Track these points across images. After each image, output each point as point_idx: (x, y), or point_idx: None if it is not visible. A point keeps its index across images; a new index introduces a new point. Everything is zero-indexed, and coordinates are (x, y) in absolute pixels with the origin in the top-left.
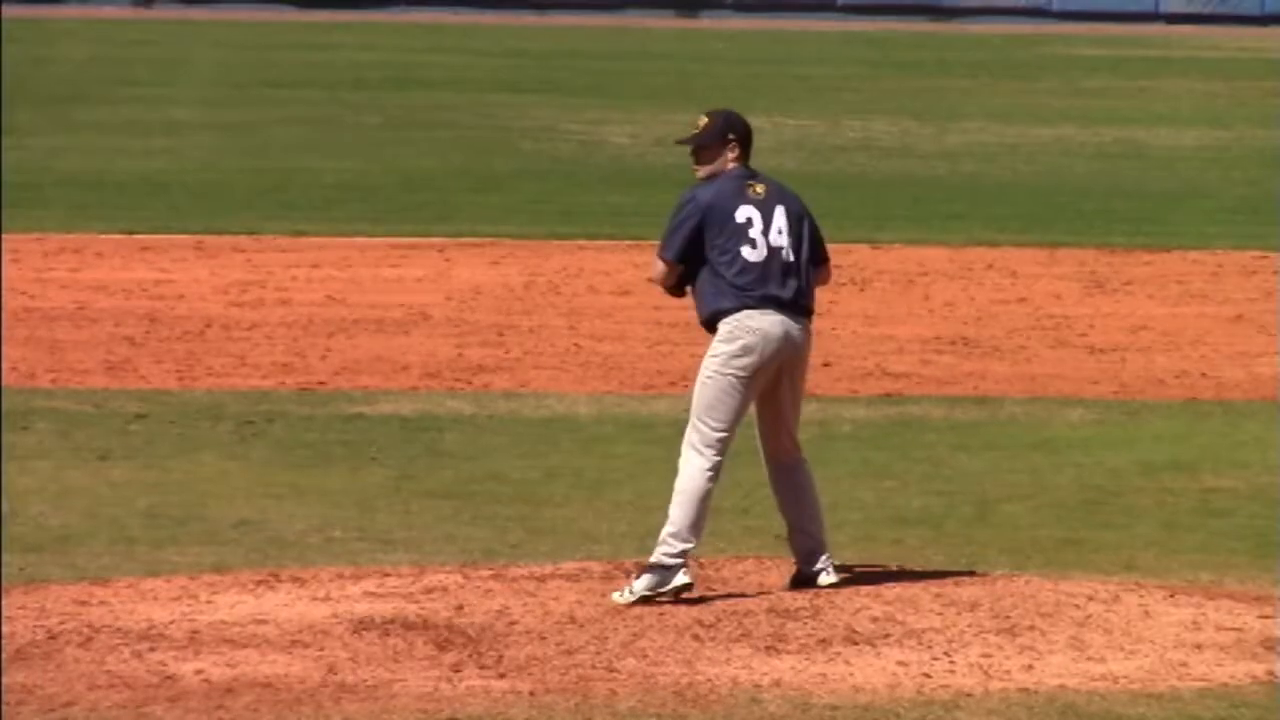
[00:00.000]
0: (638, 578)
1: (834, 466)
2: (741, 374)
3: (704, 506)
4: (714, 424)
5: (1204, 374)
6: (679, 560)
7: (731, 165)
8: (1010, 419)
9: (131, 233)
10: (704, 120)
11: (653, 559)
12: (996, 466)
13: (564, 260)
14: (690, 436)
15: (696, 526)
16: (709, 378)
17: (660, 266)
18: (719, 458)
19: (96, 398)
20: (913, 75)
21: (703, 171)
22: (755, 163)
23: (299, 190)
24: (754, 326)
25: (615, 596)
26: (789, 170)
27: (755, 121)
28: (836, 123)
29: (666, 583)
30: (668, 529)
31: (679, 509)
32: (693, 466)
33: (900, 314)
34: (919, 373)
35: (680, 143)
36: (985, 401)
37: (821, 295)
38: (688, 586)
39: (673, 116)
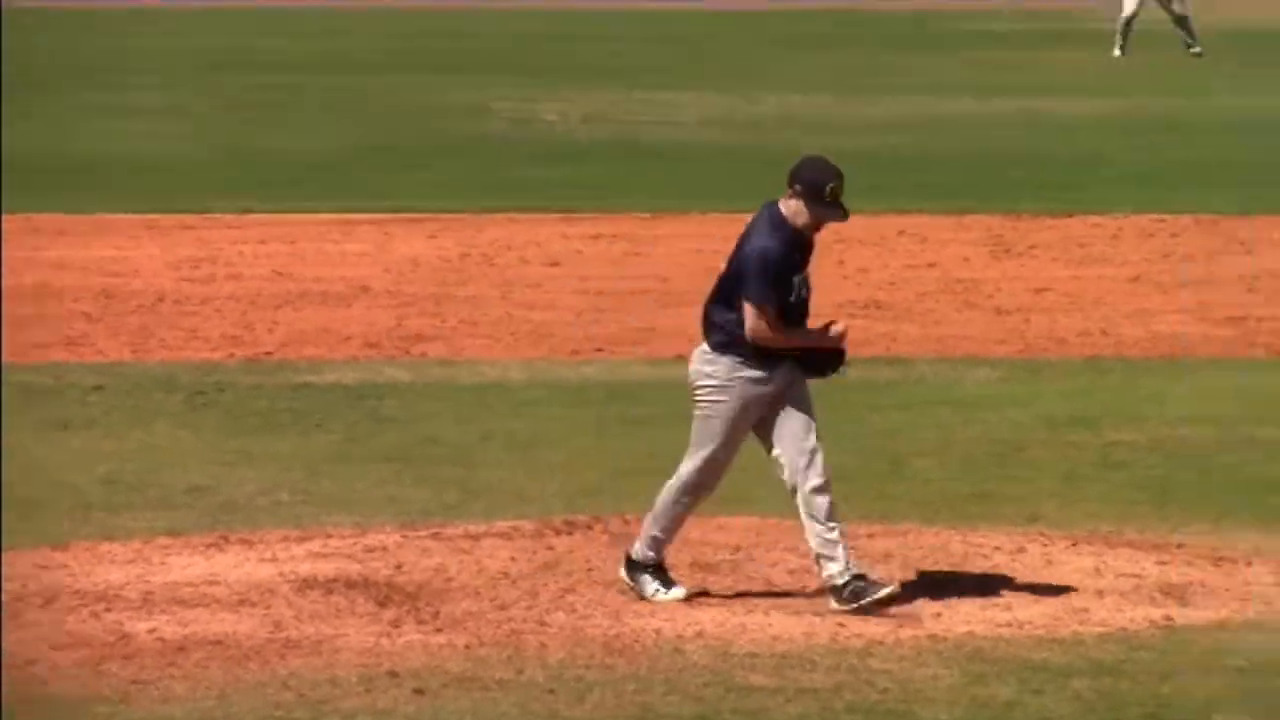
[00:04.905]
0: None
1: None
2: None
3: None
4: None
5: (1104, 332)
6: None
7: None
8: (920, 378)
9: (88, 213)
10: None
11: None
12: (908, 424)
13: (496, 233)
14: None
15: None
16: None
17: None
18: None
19: (56, 371)
20: (829, 51)
21: None
22: (680, 135)
23: (246, 170)
24: None
25: None
26: (710, 142)
27: (676, 96)
28: (756, 99)
29: None
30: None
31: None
32: None
33: (816, 279)
34: None
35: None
36: (897, 362)
37: None
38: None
39: (599, 95)
